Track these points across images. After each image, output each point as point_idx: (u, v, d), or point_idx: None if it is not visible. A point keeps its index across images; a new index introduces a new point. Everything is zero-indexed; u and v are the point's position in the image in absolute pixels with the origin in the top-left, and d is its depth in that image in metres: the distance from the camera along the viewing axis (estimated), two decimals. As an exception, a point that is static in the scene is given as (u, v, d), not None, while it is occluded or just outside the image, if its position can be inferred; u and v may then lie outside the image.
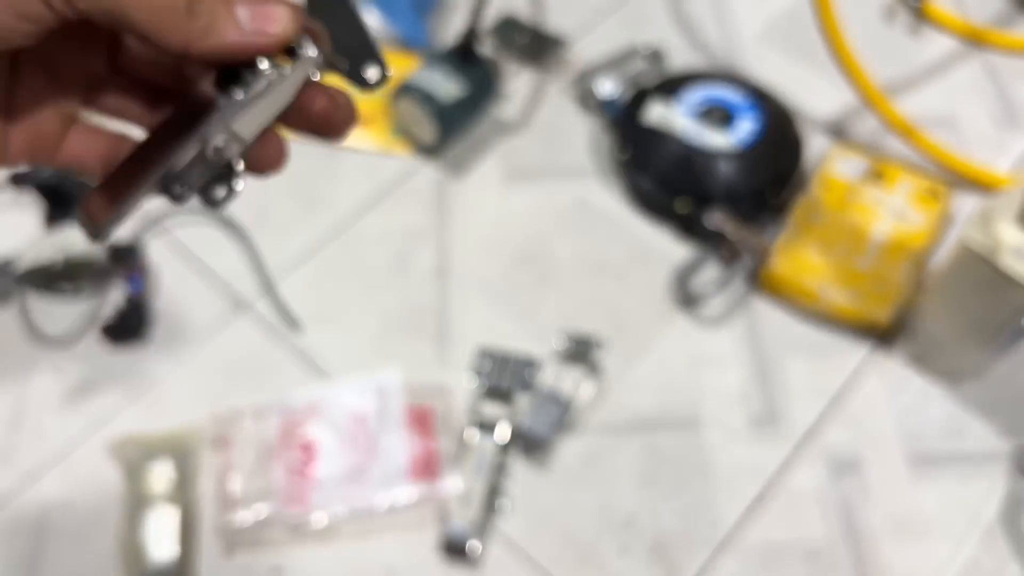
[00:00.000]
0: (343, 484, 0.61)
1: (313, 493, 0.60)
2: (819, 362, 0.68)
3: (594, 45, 0.89)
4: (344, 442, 0.62)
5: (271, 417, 0.63)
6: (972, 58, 0.88)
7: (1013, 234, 0.53)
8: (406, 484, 0.61)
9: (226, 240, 0.75)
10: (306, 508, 0.60)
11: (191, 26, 0.27)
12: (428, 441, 0.63)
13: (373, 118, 0.82)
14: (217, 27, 0.28)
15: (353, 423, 0.63)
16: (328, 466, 0.61)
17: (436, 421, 0.64)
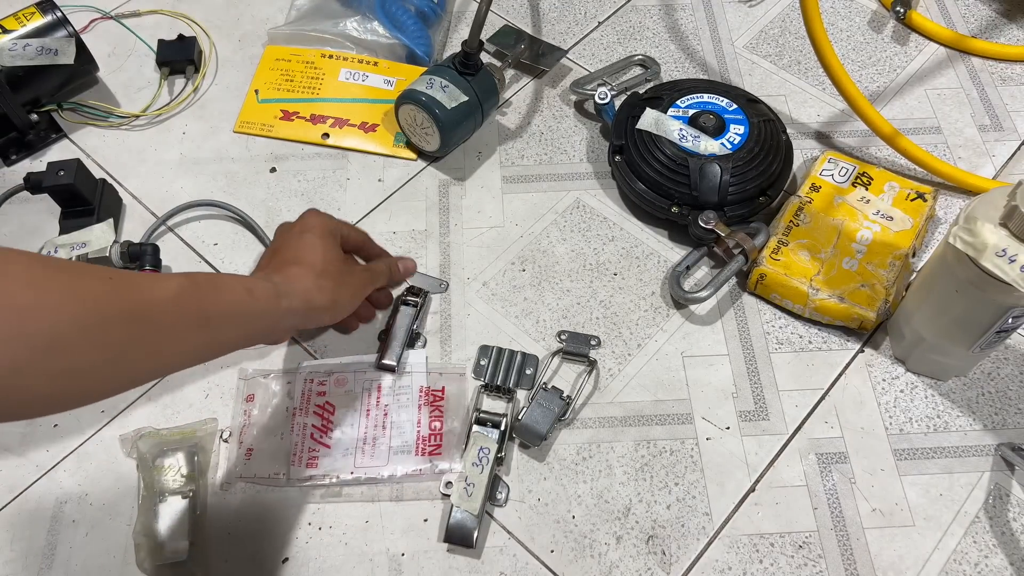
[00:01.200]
0: (352, 453, 0.63)
1: (323, 458, 0.63)
2: (808, 359, 0.69)
3: (590, 53, 0.90)
4: (360, 413, 0.65)
5: (297, 381, 0.67)
6: (956, 65, 0.89)
7: (996, 235, 0.53)
8: (412, 461, 0.63)
9: (239, 238, 0.76)
10: (315, 470, 0.62)
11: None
12: (437, 422, 0.65)
13: (378, 124, 0.84)
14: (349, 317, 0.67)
15: (371, 396, 0.66)
16: (340, 434, 0.64)
17: (448, 403, 0.66)
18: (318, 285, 0.57)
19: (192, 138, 0.83)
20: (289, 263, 0.58)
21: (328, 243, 0.61)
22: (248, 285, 0.53)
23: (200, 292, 0.49)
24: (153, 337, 0.45)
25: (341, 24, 0.88)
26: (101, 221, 0.73)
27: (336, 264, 0.60)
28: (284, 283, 0.56)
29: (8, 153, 0.81)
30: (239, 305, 0.51)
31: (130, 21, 0.93)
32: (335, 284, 0.59)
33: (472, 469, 0.61)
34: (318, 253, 0.59)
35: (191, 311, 0.48)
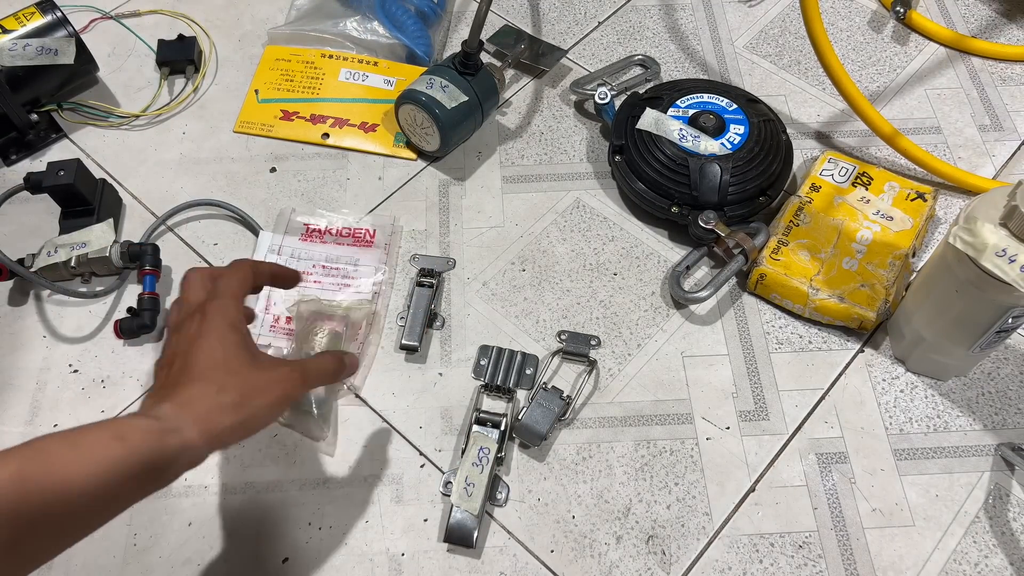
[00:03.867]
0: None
1: None
2: (808, 359, 0.69)
3: (590, 53, 0.91)
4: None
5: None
6: (956, 65, 0.89)
7: (996, 235, 0.53)
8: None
9: (239, 238, 0.76)
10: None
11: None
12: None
13: (378, 124, 0.84)
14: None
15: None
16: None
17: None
18: (219, 404, 0.45)
19: (192, 138, 0.83)
20: (179, 383, 0.46)
21: (229, 344, 0.47)
22: (118, 430, 0.41)
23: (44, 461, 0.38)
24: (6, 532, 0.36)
25: (341, 24, 0.88)
26: (101, 221, 0.73)
27: (242, 371, 0.47)
28: (173, 414, 0.44)
29: (8, 153, 0.81)
30: (102, 461, 0.40)
31: (130, 21, 0.93)
32: (241, 398, 0.46)
33: (472, 469, 0.61)
34: (216, 361, 0.46)
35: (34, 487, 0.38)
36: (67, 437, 0.40)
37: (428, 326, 0.70)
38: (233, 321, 0.49)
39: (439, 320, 0.71)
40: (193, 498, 0.62)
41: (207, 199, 0.78)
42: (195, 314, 0.49)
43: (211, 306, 0.49)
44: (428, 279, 0.71)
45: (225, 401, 0.45)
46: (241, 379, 0.46)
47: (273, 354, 0.68)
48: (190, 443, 0.43)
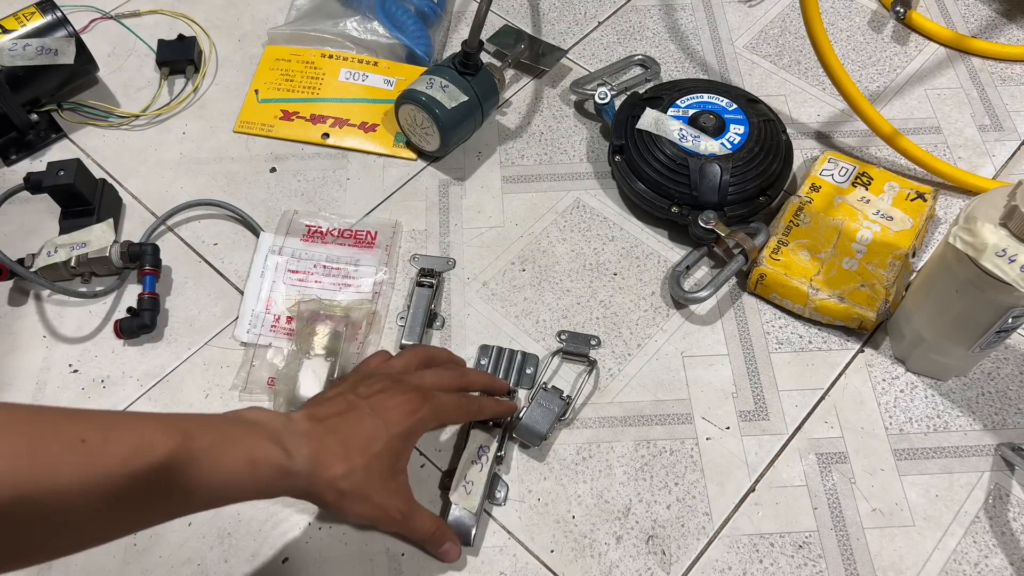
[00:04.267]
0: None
1: None
2: (808, 359, 0.69)
3: (590, 53, 0.91)
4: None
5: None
6: (956, 65, 0.89)
7: (996, 235, 0.53)
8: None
9: (239, 238, 0.76)
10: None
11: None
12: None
13: (378, 124, 0.84)
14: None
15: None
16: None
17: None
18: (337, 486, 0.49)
19: (192, 138, 0.83)
20: (334, 432, 0.50)
21: (390, 449, 0.51)
22: (254, 454, 0.45)
23: (191, 461, 0.42)
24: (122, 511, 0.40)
25: (341, 24, 0.88)
26: (101, 221, 0.73)
27: (376, 476, 0.51)
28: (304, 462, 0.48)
29: (8, 153, 0.81)
30: (232, 480, 0.44)
31: (130, 21, 0.93)
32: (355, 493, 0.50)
33: (471, 467, 0.61)
34: (370, 449, 0.50)
35: (174, 485, 0.41)
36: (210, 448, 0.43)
37: (428, 326, 0.70)
38: (416, 430, 0.53)
39: (439, 320, 0.71)
40: (193, 498, 0.62)
41: (207, 199, 0.78)
42: (412, 392, 0.54)
43: (419, 401, 0.53)
44: (428, 279, 0.71)
45: (342, 487, 0.49)
46: (366, 482, 0.50)
47: (272, 355, 0.68)
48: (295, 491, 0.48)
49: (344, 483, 0.49)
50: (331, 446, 0.49)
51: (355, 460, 0.50)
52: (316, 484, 0.49)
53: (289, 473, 0.47)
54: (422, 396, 0.54)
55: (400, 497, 0.53)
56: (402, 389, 0.54)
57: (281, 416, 0.50)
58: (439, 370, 0.59)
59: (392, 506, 0.53)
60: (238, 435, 0.46)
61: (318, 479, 0.49)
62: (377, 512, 0.52)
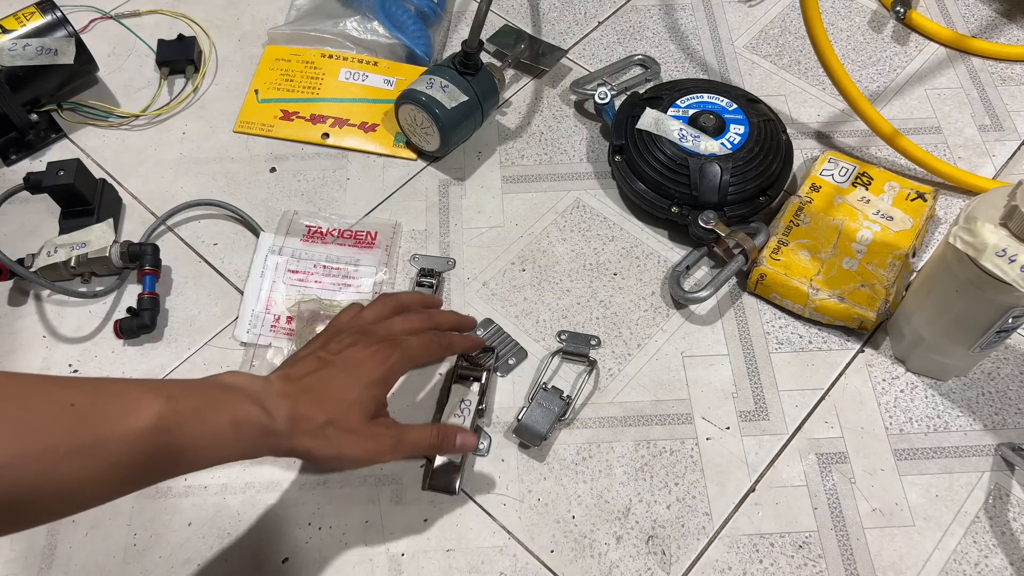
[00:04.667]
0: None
1: None
2: (808, 359, 0.69)
3: (590, 53, 0.91)
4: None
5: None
6: (956, 65, 0.89)
7: (996, 235, 0.53)
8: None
9: (239, 238, 0.76)
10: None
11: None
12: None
13: (378, 124, 0.84)
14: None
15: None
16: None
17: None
18: (321, 433, 0.51)
19: (192, 138, 0.83)
20: (309, 390, 0.52)
21: (366, 397, 0.53)
22: (237, 416, 0.47)
23: (179, 424, 0.43)
24: (113, 472, 0.41)
25: (341, 24, 0.88)
26: (101, 221, 0.73)
27: (360, 420, 0.53)
28: (285, 424, 0.50)
29: (8, 153, 0.81)
30: (217, 441, 0.46)
31: (130, 21, 0.93)
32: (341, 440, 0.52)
33: (453, 420, 0.62)
34: (346, 400, 0.52)
35: (162, 448, 0.42)
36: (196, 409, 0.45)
37: None
38: (390, 377, 0.55)
39: None
40: (193, 498, 0.62)
41: (207, 199, 0.78)
42: (381, 341, 0.55)
43: (388, 350, 0.55)
44: (428, 279, 0.71)
45: (326, 433, 0.51)
46: (351, 426, 0.52)
47: (272, 355, 0.68)
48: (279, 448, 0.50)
49: (322, 434, 0.51)
50: (307, 404, 0.51)
51: (332, 411, 0.51)
52: (300, 441, 0.50)
53: (271, 432, 0.49)
54: (391, 344, 0.56)
55: (384, 429, 0.54)
56: (372, 340, 0.55)
57: (259, 379, 0.51)
58: (408, 315, 0.60)
59: (381, 439, 0.54)
60: (221, 398, 0.47)
61: (299, 436, 0.50)
62: (368, 447, 0.53)
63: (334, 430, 0.51)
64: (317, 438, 0.51)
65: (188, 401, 0.44)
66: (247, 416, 0.48)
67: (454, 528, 0.61)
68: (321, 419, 0.51)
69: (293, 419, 0.50)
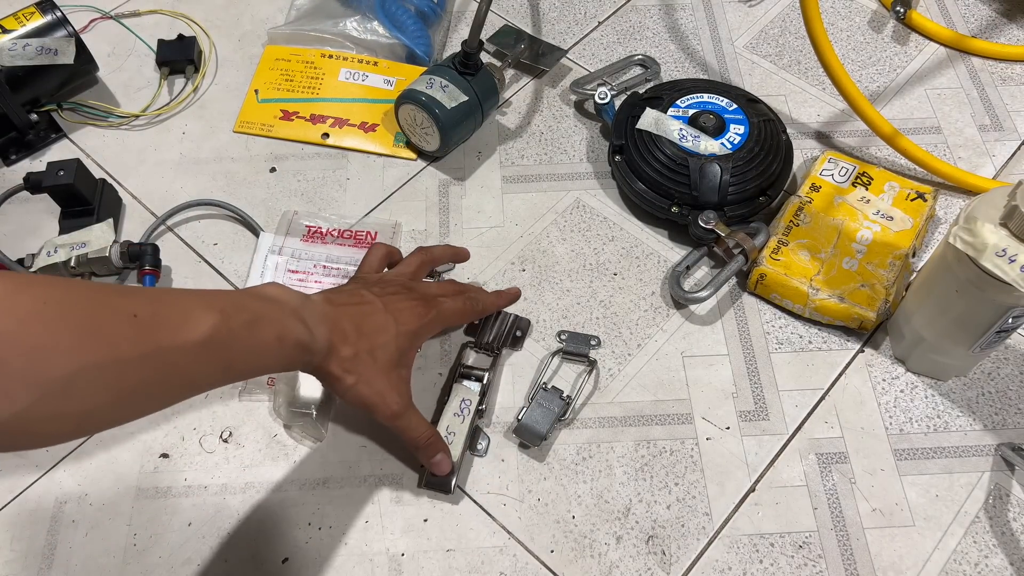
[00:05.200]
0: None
1: None
2: (808, 359, 0.69)
3: (590, 53, 0.91)
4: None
5: None
6: (956, 65, 0.89)
7: (996, 235, 0.53)
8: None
9: (238, 238, 0.76)
10: None
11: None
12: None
13: (378, 124, 0.84)
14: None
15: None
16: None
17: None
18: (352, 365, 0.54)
19: (192, 138, 0.83)
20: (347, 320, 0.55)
21: (395, 346, 0.56)
22: (282, 331, 0.49)
23: (231, 337, 0.46)
24: (172, 380, 0.44)
25: (341, 24, 0.88)
26: (101, 221, 0.73)
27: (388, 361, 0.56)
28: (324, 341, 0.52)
29: (8, 153, 0.81)
30: (262, 353, 0.48)
31: (130, 21, 0.93)
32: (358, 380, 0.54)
33: (454, 419, 0.62)
34: (377, 342, 0.55)
35: (216, 358, 0.45)
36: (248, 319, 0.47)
37: None
38: (423, 331, 0.59)
39: None
40: (193, 498, 0.62)
41: (207, 199, 0.78)
42: (420, 298, 0.60)
43: (427, 308, 0.59)
44: (428, 279, 0.71)
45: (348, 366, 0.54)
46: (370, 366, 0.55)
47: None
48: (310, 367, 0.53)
49: (350, 364, 0.54)
50: (344, 329, 0.54)
51: (363, 344, 0.54)
52: (327, 361, 0.53)
53: (309, 350, 0.51)
54: (429, 302, 0.60)
55: (399, 390, 0.57)
56: (412, 296, 0.59)
57: (300, 295, 0.53)
58: (443, 284, 0.66)
59: (391, 396, 0.56)
60: (268, 313, 0.49)
61: (331, 359, 0.53)
62: (375, 398, 0.55)
63: (361, 363, 0.54)
64: (345, 364, 0.53)
65: (239, 316, 0.47)
66: (291, 332, 0.50)
67: (454, 528, 0.61)
68: (353, 349, 0.54)
69: (330, 341, 0.53)
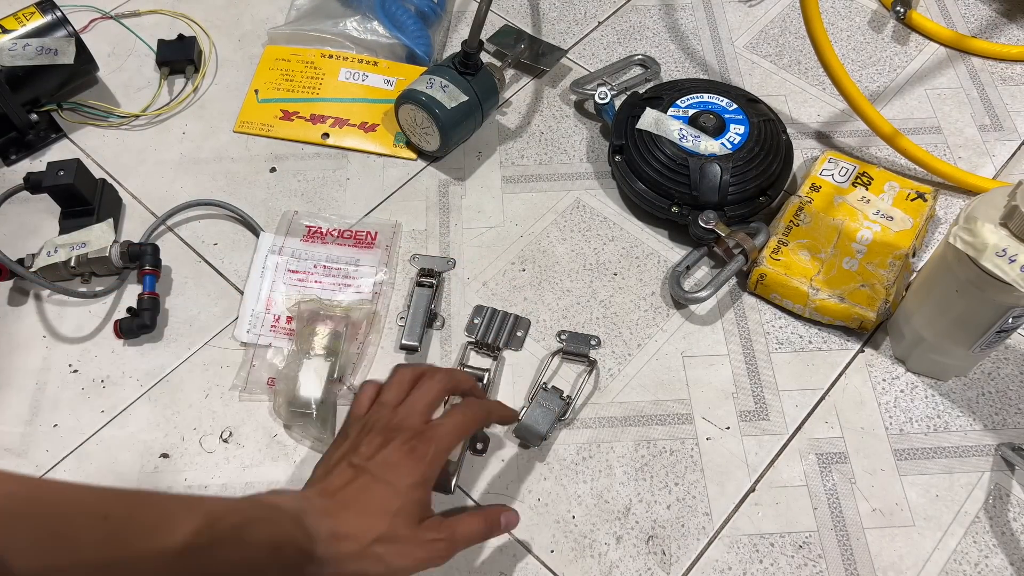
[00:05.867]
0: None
1: None
2: (808, 359, 0.69)
3: (590, 53, 0.91)
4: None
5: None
6: (956, 65, 0.89)
7: (996, 235, 0.53)
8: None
9: (239, 238, 0.76)
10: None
11: None
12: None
13: (378, 124, 0.84)
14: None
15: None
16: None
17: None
18: (369, 552, 0.46)
19: (192, 138, 0.83)
20: (349, 505, 0.48)
21: (408, 502, 0.49)
22: (277, 538, 0.43)
23: (215, 544, 0.40)
24: None
25: (341, 24, 0.88)
26: (101, 221, 0.73)
27: (407, 526, 0.48)
28: (327, 541, 0.45)
29: (8, 153, 0.81)
30: (254, 565, 0.42)
31: (130, 21, 0.93)
32: (390, 553, 0.47)
33: None
34: (389, 510, 0.48)
35: (196, 568, 0.40)
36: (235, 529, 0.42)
37: (428, 326, 0.70)
38: (430, 476, 0.50)
39: (439, 320, 0.71)
40: (193, 498, 0.62)
41: (207, 199, 0.78)
42: (406, 440, 0.50)
43: (422, 447, 0.50)
44: (428, 279, 0.71)
45: (375, 551, 0.46)
46: (398, 537, 0.48)
47: (272, 355, 0.68)
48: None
49: (376, 548, 0.47)
50: (349, 521, 0.47)
51: (377, 526, 0.47)
52: (345, 566, 0.46)
53: (312, 558, 0.45)
54: (424, 438, 0.51)
55: (435, 533, 0.50)
56: (404, 438, 0.51)
57: (298, 496, 0.48)
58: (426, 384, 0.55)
59: (433, 546, 0.49)
60: (261, 517, 0.44)
61: (344, 561, 0.46)
62: (420, 556, 0.49)
63: (382, 546, 0.47)
64: (364, 559, 0.46)
65: (227, 520, 0.42)
66: (288, 539, 0.44)
67: (454, 528, 0.61)
68: (367, 537, 0.47)
69: (336, 539, 0.46)
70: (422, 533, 0.49)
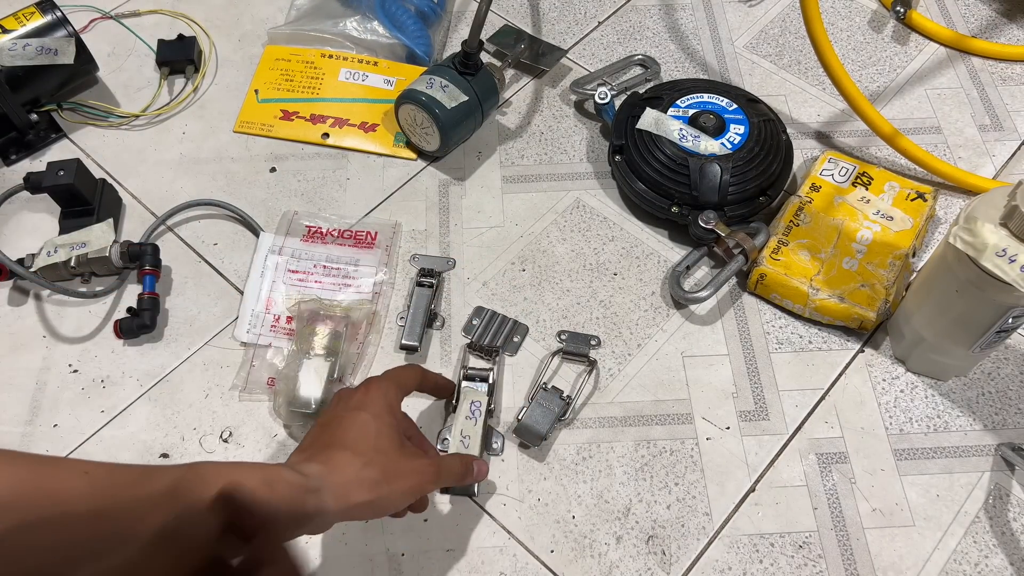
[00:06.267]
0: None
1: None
2: (808, 359, 0.69)
3: (590, 53, 0.91)
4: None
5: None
6: (956, 65, 0.89)
7: (996, 235, 0.53)
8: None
9: (238, 238, 0.76)
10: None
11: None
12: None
13: (378, 124, 0.84)
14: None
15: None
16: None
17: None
18: (359, 478, 0.47)
19: (192, 138, 0.83)
20: (330, 446, 0.49)
21: (383, 424, 0.51)
22: (269, 476, 0.43)
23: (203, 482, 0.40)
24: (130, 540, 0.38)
25: (341, 24, 0.88)
26: (101, 221, 0.73)
27: (389, 453, 0.50)
28: (318, 475, 0.46)
29: (8, 153, 0.81)
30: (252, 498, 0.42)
31: (130, 21, 0.93)
32: (381, 477, 0.48)
33: (466, 422, 0.62)
34: (368, 436, 0.49)
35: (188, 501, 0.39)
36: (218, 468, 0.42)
37: (428, 326, 0.70)
38: (392, 404, 0.53)
39: (439, 320, 0.71)
40: (193, 498, 0.62)
41: (207, 199, 0.78)
42: (359, 389, 0.54)
43: (375, 384, 0.54)
44: (428, 279, 0.72)
45: (366, 476, 0.48)
46: (386, 459, 0.49)
47: (272, 355, 0.68)
48: (325, 509, 0.45)
49: (369, 472, 0.48)
50: (335, 458, 0.48)
51: (362, 453, 0.49)
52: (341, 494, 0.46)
53: (307, 489, 0.44)
54: (378, 379, 0.55)
55: (425, 460, 0.52)
56: (361, 388, 0.54)
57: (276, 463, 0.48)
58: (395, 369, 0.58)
59: (422, 472, 0.51)
60: (245, 464, 0.44)
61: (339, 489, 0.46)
62: (414, 480, 0.50)
63: (373, 471, 0.48)
64: (359, 485, 0.47)
65: (209, 466, 0.42)
66: (279, 476, 0.44)
67: (454, 528, 0.61)
68: (355, 465, 0.48)
69: (328, 471, 0.47)
70: (410, 457, 0.51)
